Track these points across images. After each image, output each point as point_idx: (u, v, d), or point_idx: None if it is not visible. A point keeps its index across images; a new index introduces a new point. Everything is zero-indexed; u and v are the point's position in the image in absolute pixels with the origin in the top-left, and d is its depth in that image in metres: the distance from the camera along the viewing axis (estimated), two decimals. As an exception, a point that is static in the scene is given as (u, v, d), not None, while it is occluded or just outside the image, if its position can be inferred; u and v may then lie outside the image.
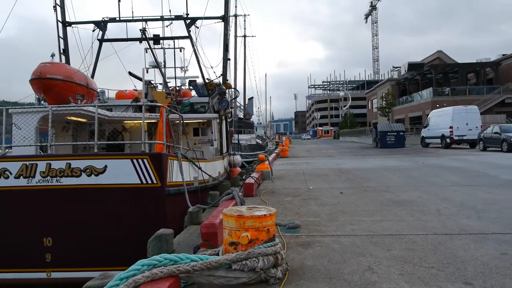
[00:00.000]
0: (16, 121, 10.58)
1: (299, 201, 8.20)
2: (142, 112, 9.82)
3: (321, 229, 5.74)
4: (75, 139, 13.96)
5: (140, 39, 15.88)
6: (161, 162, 8.94)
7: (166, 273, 2.95)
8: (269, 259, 3.47)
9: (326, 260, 4.27)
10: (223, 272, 3.29)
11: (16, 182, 8.86)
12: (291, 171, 14.85)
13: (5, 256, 8.84)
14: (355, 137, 59.09)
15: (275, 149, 36.84)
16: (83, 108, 10.76)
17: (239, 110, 54.74)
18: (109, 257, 8.63)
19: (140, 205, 8.82)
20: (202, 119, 15.97)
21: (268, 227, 3.56)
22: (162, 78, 16.50)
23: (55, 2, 15.07)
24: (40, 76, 10.70)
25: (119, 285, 2.78)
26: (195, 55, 16.01)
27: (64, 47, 15.62)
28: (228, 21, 17.15)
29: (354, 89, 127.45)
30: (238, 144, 29.54)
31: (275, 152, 28.18)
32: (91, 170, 8.80)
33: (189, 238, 6.44)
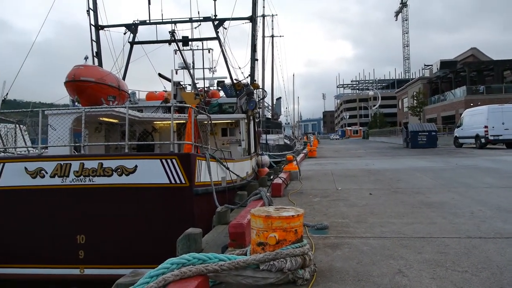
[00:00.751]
0: (51, 122, 10.97)
1: (327, 202, 8.13)
2: (171, 113, 9.99)
3: (349, 230, 5.67)
4: (107, 139, 14.33)
5: (169, 41, 16.15)
6: (189, 162, 9.07)
7: (195, 272, 2.99)
8: (297, 260, 3.45)
9: (355, 262, 4.22)
10: (250, 272, 3.30)
11: (51, 181, 9.19)
12: (319, 172, 14.73)
13: (41, 252, 9.17)
14: (385, 137, 57.98)
15: (303, 149, 36.65)
16: (115, 109, 11.04)
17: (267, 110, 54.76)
18: (139, 255, 8.82)
19: (169, 205, 8.97)
20: (230, 120, 16.07)
21: (296, 228, 3.54)
22: (190, 79, 16.72)
23: (88, 6, 15.53)
24: (74, 78, 11.03)
25: (149, 283, 2.84)
26: (223, 56, 16.16)
27: (97, 50, 16.08)
28: (255, 22, 17.21)
29: (384, 88, 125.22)
30: (266, 144, 29.56)
31: (303, 152, 28.04)
32: (122, 170, 9.02)
33: (217, 238, 6.48)
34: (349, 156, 24.65)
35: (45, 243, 9.18)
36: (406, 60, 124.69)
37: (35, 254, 9.19)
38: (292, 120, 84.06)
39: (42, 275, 9.14)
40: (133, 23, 16.69)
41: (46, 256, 9.15)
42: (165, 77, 16.25)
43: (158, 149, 14.33)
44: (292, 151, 35.10)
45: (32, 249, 9.22)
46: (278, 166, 20.11)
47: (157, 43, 16.91)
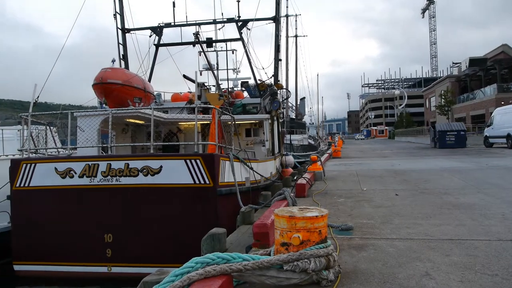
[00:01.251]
0: (80, 124, 11.27)
1: (352, 203, 8.04)
2: (195, 114, 10.10)
3: (375, 231, 5.59)
4: (134, 140, 14.61)
5: (193, 42, 16.35)
6: (213, 162, 9.15)
7: (219, 271, 3.01)
8: (321, 261, 3.43)
9: (380, 263, 4.15)
10: (274, 272, 3.30)
11: (80, 181, 9.46)
12: (344, 172, 14.58)
13: (70, 251, 9.44)
14: (412, 137, 56.82)
15: (327, 149, 36.35)
16: (140, 111, 11.24)
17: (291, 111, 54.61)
18: (164, 254, 8.96)
19: (193, 205, 9.08)
20: (254, 120, 16.11)
21: (320, 229, 3.52)
22: (215, 80, 16.85)
23: (115, 10, 15.88)
24: (102, 81, 11.31)
25: (174, 281, 2.88)
26: (246, 57, 16.22)
27: (124, 53, 16.43)
28: (279, 22, 17.19)
29: (410, 87, 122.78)
30: (290, 144, 29.49)
31: (327, 152, 27.81)
32: (148, 170, 9.18)
33: (241, 238, 6.50)
34: (374, 156, 24.29)
35: (74, 242, 9.45)
36: (433, 58, 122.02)
37: (65, 252, 9.47)
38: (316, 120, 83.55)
39: (71, 273, 9.41)
40: (158, 26, 16.97)
41: (75, 254, 9.41)
42: (190, 78, 16.44)
43: (183, 149, 14.50)
44: (316, 152, 34.87)
45: (62, 248, 9.50)
46: (302, 166, 20.03)
47: (182, 45, 17.15)
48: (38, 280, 9.52)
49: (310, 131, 63.01)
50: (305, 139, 42.94)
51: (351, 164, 18.12)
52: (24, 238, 9.68)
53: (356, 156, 25.34)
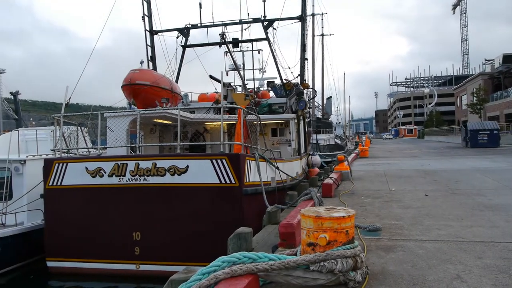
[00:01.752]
0: (109, 124, 11.52)
1: (380, 203, 7.90)
2: (221, 114, 10.15)
3: (404, 233, 5.47)
4: (161, 140, 14.83)
5: (220, 43, 16.44)
6: (238, 162, 9.18)
7: (245, 270, 3.01)
8: (348, 262, 3.38)
9: (409, 265, 4.06)
10: (300, 272, 3.28)
11: (109, 180, 9.67)
12: (372, 172, 14.35)
13: (100, 248, 9.67)
14: (442, 136, 55.36)
15: (354, 149, 35.88)
16: (167, 111, 11.39)
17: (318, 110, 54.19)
18: (190, 253, 9.06)
19: (219, 204, 9.13)
20: (280, 120, 16.06)
21: (347, 229, 3.47)
22: (241, 80, 16.90)
23: (143, 13, 16.17)
24: (130, 82, 11.53)
25: (201, 280, 2.90)
26: (272, 57, 16.18)
27: (152, 54, 16.71)
28: (305, 21, 17.08)
29: (441, 85, 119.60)
30: (316, 144, 29.27)
31: (354, 152, 27.45)
32: (175, 169, 9.30)
33: (268, 237, 6.50)
34: (403, 156, 23.80)
35: (104, 240, 9.67)
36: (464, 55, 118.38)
37: (95, 249, 9.71)
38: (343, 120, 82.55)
39: (101, 270, 9.65)
40: (185, 27, 17.17)
41: (105, 252, 9.64)
42: (216, 79, 16.56)
43: (209, 149, 14.61)
44: (343, 151, 34.47)
45: (92, 245, 9.75)
46: (329, 166, 19.85)
47: (208, 45, 17.28)
48: (70, 276, 9.80)
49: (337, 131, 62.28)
50: (332, 138, 42.48)
51: (379, 164, 17.82)
52: (56, 235, 9.98)
53: (384, 156, 24.90)
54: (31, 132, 14.12)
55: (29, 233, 10.79)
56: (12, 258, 10.37)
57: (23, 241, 10.61)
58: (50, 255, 10.04)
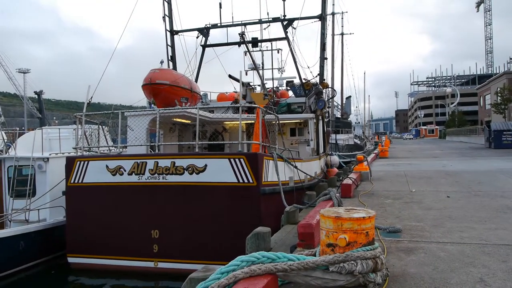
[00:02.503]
0: (130, 123, 11.67)
1: (400, 204, 7.78)
2: (239, 113, 10.16)
3: (425, 234, 5.37)
4: (180, 139, 14.94)
5: (239, 42, 16.46)
6: (256, 161, 9.17)
7: (264, 270, 3.00)
8: (368, 263, 3.34)
9: (430, 268, 3.98)
10: (320, 273, 3.25)
11: (129, 178, 9.80)
12: (392, 173, 14.15)
13: (119, 245, 9.81)
14: (464, 136, 54.20)
15: (374, 149, 35.47)
16: (187, 110, 11.47)
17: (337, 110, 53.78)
18: (208, 251, 9.11)
19: (237, 203, 9.14)
20: (299, 119, 15.99)
21: (367, 230, 3.42)
22: (260, 79, 16.88)
23: (164, 13, 16.32)
24: (150, 81, 11.64)
25: (220, 279, 2.90)
26: (292, 56, 16.12)
27: (172, 54, 16.86)
28: (325, 20, 16.94)
29: (463, 84, 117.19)
30: (335, 144, 29.04)
31: (374, 152, 27.12)
32: (193, 168, 9.36)
33: (286, 237, 6.47)
34: (424, 157, 23.40)
35: (123, 237, 9.81)
36: (488, 54, 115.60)
37: (114, 246, 9.86)
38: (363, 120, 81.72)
39: (120, 267, 9.78)
40: (205, 27, 17.25)
41: (124, 249, 9.77)
42: (235, 78, 16.58)
43: (228, 148, 14.65)
44: (363, 151, 34.12)
45: (112, 242, 9.90)
46: (348, 166, 19.67)
47: (228, 45, 17.31)
48: (90, 272, 9.97)
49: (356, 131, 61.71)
50: (351, 138, 42.13)
51: (399, 165, 17.56)
52: (77, 232, 10.16)
53: (404, 156, 24.53)
54: (54, 130, 14.43)
55: (51, 229, 11.04)
56: (34, 254, 10.62)
57: (45, 237, 10.86)
58: (71, 251, 10.24)
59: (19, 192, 11.68)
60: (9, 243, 9.93)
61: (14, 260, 10.10)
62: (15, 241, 10.07)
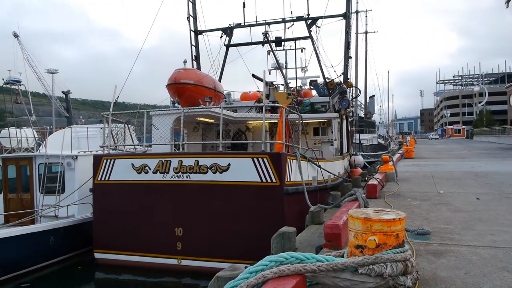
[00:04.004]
0: (155, 122, 11.83)
1: (428, 206, 7.62)
2: (263, 113, 10.16)
3: (454, 237, 5.24)
4: (204, 138, 15.06)
5: (263, 42, 16.46)
6: (280, 161, 9.15)
7: (293, 270, 2.98)
8: (398, 266, 3.27)
9: (462, 272, 3.88)
10: (348, 275, 3.21)
11: (154, 177, 9.94)
12: (418, 173, 13.87)
13: (144, 242, 9.96)
14: (493, 136, 52.67)
15: (398, 149, 34.87)
16: (210, 110, 11.55)
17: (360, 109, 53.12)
18: (231, 250, 9.15)
19: (260, 203, 9.14)
20: (322, 119, 15.87)
21: (397, 232, 3.36)
22: (283, 79, 16.84)
23: (188, 13, 16.47)
24: (175, 81, 11.77)
25: (249, 278, 2.89)
26: (315, 55, 16.01)
27: (196, 54, 17.00)
28: (350, 18, 16.76)
29: (492, 83, 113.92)
30: (359, 144, 28.71)
31: (399, 152, 26.66)
32: (216, 167, 9.41)
33: (311, 238, 6.43)
34: (451, 157, 22.84)
35: (148, 234, 9.96)
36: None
37: (139, 243, 10.02)
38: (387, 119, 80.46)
39: (145, 263, 9.94)
40: (228, 27, 17.32)
41: (148, 246, 9.93)
42: (258, 78, 16.59)
43: (251, 148, 14.68)
44: (387, 151, 33.61)
45: (136, 239, 10.06)
46: (372, 166, 19.41)
47: (251, 44, 17.34)
48: (115, 268, 10.17)
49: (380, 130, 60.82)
50: (375, 138, 41.55)
51: (425, 165, 17.19)
52: (104, 229, 10.38)
53: (430, 157, 24.01)
54: (82, 129, 14.79)
55: (79, 225, 11.32)
56: (63, 249, 10.92)
57: (73, 233, 11.14)
58: (97, 247, 10.46)
59: (49, 188, 12.02)
60: (40, 238, 10.24)
61: (45, 254, 10.41)
62: (45, 236, 10.37)
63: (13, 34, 42.34)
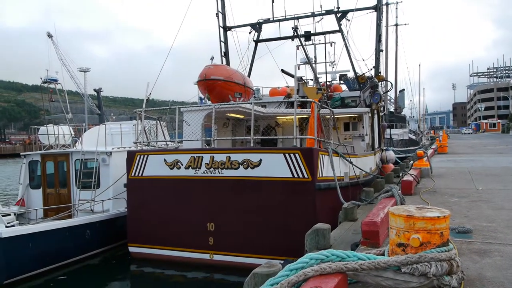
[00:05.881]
0: (186, 118, 11.94)
1: (467, 203, 7.37)
2: (294, 108, 10.07)
3: (498, 236, 5.04)
4: (234, 134, 15.11)
5: (292, 37, 16.31)
6: (312, 157, 9.06)
7: (334, 269, 2.93)
8: (442, 265, 3.16)
9: (509, 272, 3.72)
10: (391, 274, 3.12)
11: (186, 172, 10.04)
12: (453, 169, 13.45)
13: (176, 237, 10.10)
14: (531, 131, 50.56)
15: (430, 144, 33.97)
16: (241, 105, 11.55)
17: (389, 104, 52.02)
18: (262, 245, 9.15)
19: (291, 199, 9.09)
20: (353, 114, 15.62)
21: (442, 230, 3.24)
22: (313, 73, 16.66)
23: (217, 10, 16.51)
24: (205, 77, 11.84)
25: (289, 276, 2.86)
26: (346, 49, 15.76)
27: (225, 50, 17.04)
28: (381, 11, 16.38)
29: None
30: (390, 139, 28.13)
31: (431, 148, 25.96)
32: (248, 163, 9.41)
33: (345, 235, 6.34)
34: (487, 153, 22.03)
35: (180, 229, 10.09)
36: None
37: (172, 238, 10.17)
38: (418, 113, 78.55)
39: (177, 258, 10.09)
40: (257, 22, 17.25)
41: (181, 240, 10.06)
42: (288, 73, 16.47)
43: (280, 143, 14.61)
44: (418, 147, 32.80)
45: (169, 233, 10.21)
46: (404, 162, 18.97)
47: (281, 39, 17.20)
48: (149, 262, 10.37)
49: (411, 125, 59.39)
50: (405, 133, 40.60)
51: (460, 161, 16.66)
52: (138, 223, 10.59)
53: (465, 152, 23.24)
54: (116, 126, 15.12)
55: (114, 219, 11.60)
56: (99, 242, 11.22)
57: (108, 227, 11.43)
58: (131, 241, 10.68)
59: (84, 184, 12.36)
60: (78, 231, 10.56)
61: (82, 247, 10.74)
62: (82, 230, 10.69)
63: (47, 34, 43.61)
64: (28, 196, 13.47)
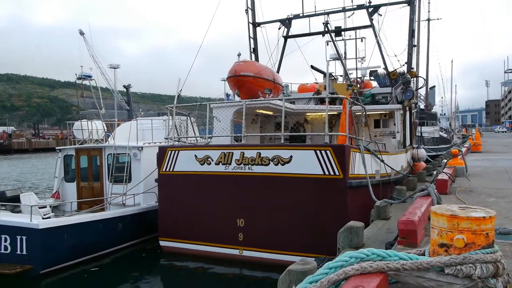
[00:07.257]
0: (216, 115, 12.01)
1: (506, 203, 7.11)
2: (326, 104, 9.97)
3: (542, 238, 4.83)
4: (262, 131, 15.10)
5: (322, 32, 16.10)
6: (343, 154, 8.95)
7: (375, 268, 2.87)
8: (488, 267, 3.05)
9: (557, 277, 3.55)
10: (434, 275, 3.04)
11: (216, 168, 10.11)
12: (489, 168, 13.01)
13: (207, 232, 10.19)
14: None
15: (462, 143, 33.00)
16: (271, 102, 11.52)
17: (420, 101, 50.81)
18: (292, 242, 9.12)
19: (322, 196, 9.02)
20: (384, 110, 15.33)
21: (487, 231, 3.13)
22: (343, 69, 16.42)
23: (247, 6, 16.49)
24: (235, 74, 11.85)
25: (329, 274, 2.82)
26: (377, 45, 15.43)
27: (254, 46, 17.00)
28: (414, 5, 15.95)
29: None
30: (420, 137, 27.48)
31: (464, 146, 25.22)
32: (278, 159, 9.39)
33: (378, 233, 6.24)
34: (524, 152, 21.21)
35: (210, 224, 10.17)
36: None
37: (202, 232, 10.28)
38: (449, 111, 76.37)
39: (207, 252, 10.18)
40: (287, 18, 17.11)
41: (211, 235, 10.15)
42: (318, 69, 16.30)
43: (309, 140, 14.50)
44: (450, 145, 31.93)
45: (199, 228, 10.32)
46: (436, 160, 18.51)
47: (310, 35, 16.99)
48: (179, 256, 10.51)
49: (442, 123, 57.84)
50: (436, 131, 39.58)
51: (496, 160, 16.10)
52: (168, 218, 10.74)
53: (500, 151, 22.45)
54: (146, 121, 15.39)
55: (145, 213, 11.82)
56: (130, 235, 11.45)
57: (139, 221, 11.65)
58: (162, 235, 10.86)
59: (116, 178, 12.65)
60: (110, 224, 10.82)
61: (114, 240, 10.99)
62: (114, 223, 10.94)
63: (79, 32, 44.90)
64: (63, 189, 13.90)
